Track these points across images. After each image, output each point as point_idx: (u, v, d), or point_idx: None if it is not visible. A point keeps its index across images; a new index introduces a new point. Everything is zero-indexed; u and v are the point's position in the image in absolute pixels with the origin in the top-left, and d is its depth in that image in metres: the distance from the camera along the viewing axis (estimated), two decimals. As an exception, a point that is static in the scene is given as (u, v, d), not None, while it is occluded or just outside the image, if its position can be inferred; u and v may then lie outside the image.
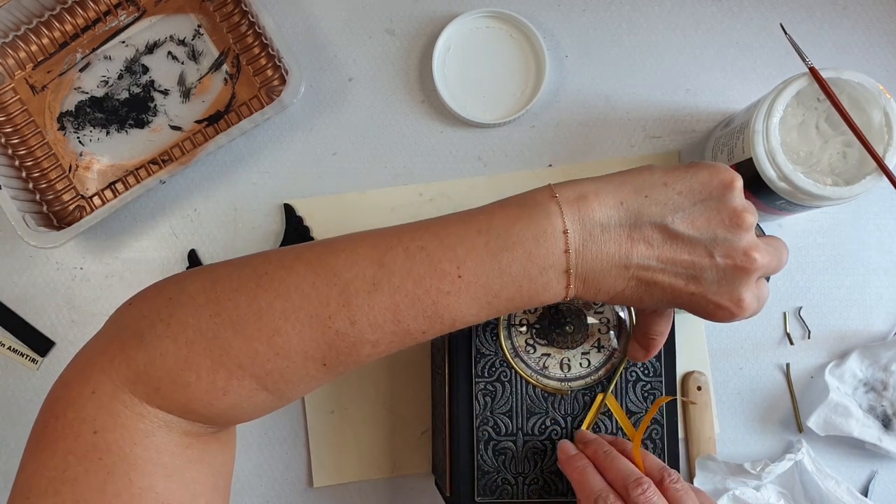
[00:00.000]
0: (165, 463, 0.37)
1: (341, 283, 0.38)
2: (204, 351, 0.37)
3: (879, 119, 0.51)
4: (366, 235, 0.40)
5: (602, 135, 0.64)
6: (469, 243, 0.39)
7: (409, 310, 0.38)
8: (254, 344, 0.37)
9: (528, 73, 0.64)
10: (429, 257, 0.38)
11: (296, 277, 0.38)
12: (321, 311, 0.38)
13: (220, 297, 0.38)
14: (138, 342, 0.37)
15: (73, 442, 0.36)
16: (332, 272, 0.38)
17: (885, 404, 0.61)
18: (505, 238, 0.39)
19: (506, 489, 0.51)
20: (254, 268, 0.39)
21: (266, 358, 0.37)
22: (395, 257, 0.38)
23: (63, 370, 0.38)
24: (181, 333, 0.37)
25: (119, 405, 0.36)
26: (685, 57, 0.64)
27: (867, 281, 0.63)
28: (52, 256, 0.64)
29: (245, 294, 0.38)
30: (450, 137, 0.64)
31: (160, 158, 0.63)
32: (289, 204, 0.64)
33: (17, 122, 0.63)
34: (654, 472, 0.45)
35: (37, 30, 0.63)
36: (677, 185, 0.40)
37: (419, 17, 0.65)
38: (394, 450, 0.63)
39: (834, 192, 0.51)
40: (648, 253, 0.39)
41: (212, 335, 0.37)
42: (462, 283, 0.38)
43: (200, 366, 0.37)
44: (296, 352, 0.38)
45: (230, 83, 0.64)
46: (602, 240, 0.39)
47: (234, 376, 0.37)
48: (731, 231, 0.39)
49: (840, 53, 0.64)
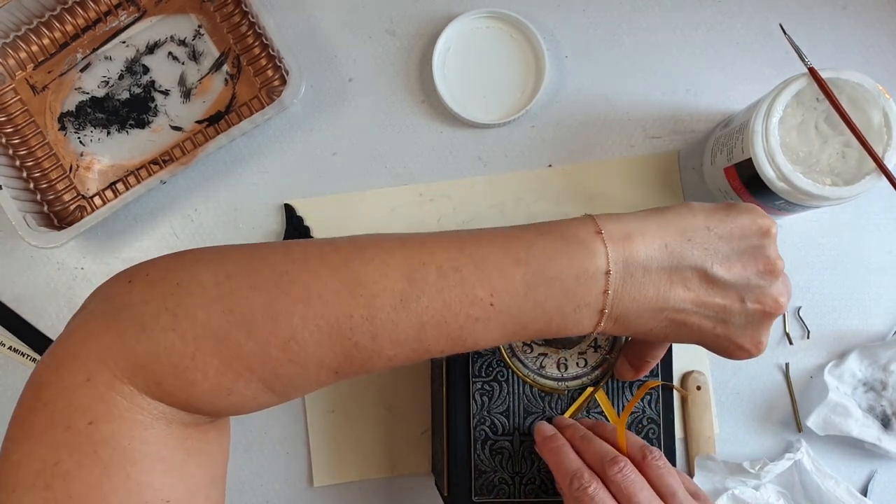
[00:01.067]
0: (164, 456, 0.35)
1: (368, 296, 0.36)
2: (213, 350, 0.35)
3: (878, 119, 0.51)
4: (397, 244, 0.38)
5: (602, 135, 0.64)
6: (506, 273, 0.37)
7: (434, 330, 0.37)
8: (268, 348, 0.35)
9: (527, 73, 0.64)
10: (462, 281, 0.37)
11: (319, 283, 0.36)
12: (343, 323, 0.36)
13: (235, 293, 0.35)
14: (140, 331, 0.34)
15: (65, 432, 0.33)
16: (358, 282, 0.36)
17: (885, 404, 0.61)
18: (544, 272, 0.37)
19: (503, 489, 0.52)
20: (273, 265, 0.36)
21: (279, 363, 0.36)
22: (427, 275, 0.37)
23: (49, 350, 0.35)
24: (189, 328, 0.34)
25: (117, 395, 0.34)
26: (685, 57, 0.65)
27: (866, 281, 0.63)
28: (53, 256, 0.64)
29: (263, 293, 0.35)
30: (450, 137, 0.64)
31: (161, 158, 0.63)
32: (289, 204, 0.64)
33: (18, 122, 0.63)
34: (636, 450, 0.45)
35: (37, 30, 0.63)
36: (718, 229, 0.40)
37: (419, 18, 0.65)
38: (394, 450, 0.64)
39: (833, 193, 0.51)
40: (685, 296, 0.39)
41: (223, 334, 0.35)
42: (493, 311, 0.37)
43: (208, 365, 0.35)
44: (310, 360, 0.36)
45: (231, 83, 0.64)
46: (642, 282, 0.39)
47: (241, 378, 0.36)
48: (765, 278, 0.40)
49: (839, 54, 0.64)
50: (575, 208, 0.64)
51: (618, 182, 0.64)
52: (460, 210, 0.64)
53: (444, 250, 0.38)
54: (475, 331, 0.38)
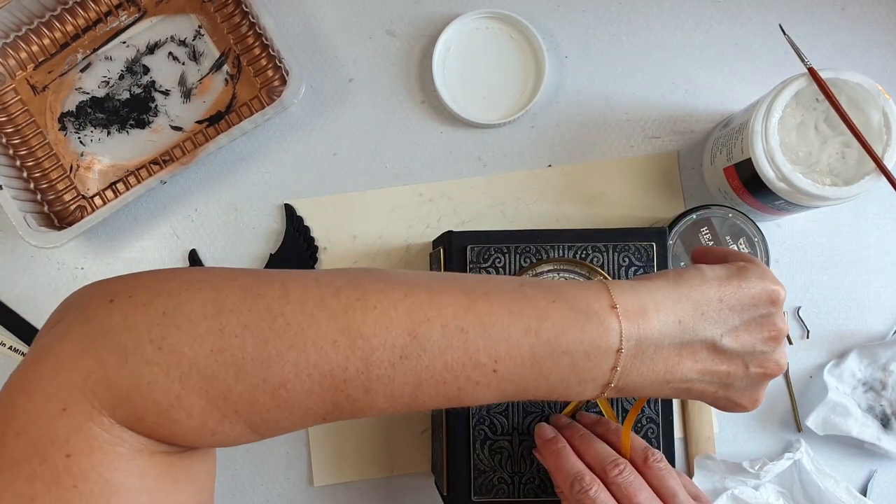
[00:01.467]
0: (149, 487, 0.33)
1: (366, 349, 0.34)
2: (199, 390, 0.33)
3: (878, 119, 0.51)
4: (401, 292, 0.36)
5: (601, 135, 0.64)
6: (514, 342, 0.36)
7: (431, 389, 0.36)
8: (256, 393, 0.33)
9: (527, 73, 0.64)
10: (466, 343, 0.35)
11: (315, 329, 0.34)
12: (337, 374, 0.34)
13: (225, 331, 0.33)
14: (122, 361, 0.32)
15: (40, 465, 0.30)
16: (358, 333, 0.34)
17: (884, 404, 0.61)
18: (554, 346, 0.36)
19: (502, 488, 0.52)
20: (268, 303, 0.34)
21: (266, 409, 0.34)
22: (431, 332, 0.35)
23: (21, 371, 0.32)
24: (175, 365, 0.32)
25: (95, 427, 0.32)
26: (684, 57, 0.65)
27: (866, 281, 0.63)
28: (54, 256, 0.64)
29: (255, 335, 0.33)
30: (450, 137, 0.64)
31: (161, 158, 0.64)
32: (289, 204, 0.64)
33: (19, 122, 0.63)
34: (638, 452, 0.46)
35: (38, 30, 0.63)
36: (730, 300, 0.39)
37: (419, 18, 0.65)
38: (394, 449, 0.64)
39: (833, 193, 0.51)
40: (693, 367, 0.39)
41: (210, 374, 0.33)
42: (495, 377, 0.36)
43: (192, 406, 0.33)
44: (299, 407, 0.34)
45: (231, 84, 0.64)
46: (653, 358, 0.38)
47: (227, 420, 0.34)
48: (769, 344, 0.40)
49: (839, 54, 0.64)
50: (575, 208, 0.64)
51: (617, 182, 0.64)
52: (460, 210, 0.64)
53: (451, 305, 0.36)
54: (473, 392, 0.36)
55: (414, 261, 0.64)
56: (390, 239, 0.64)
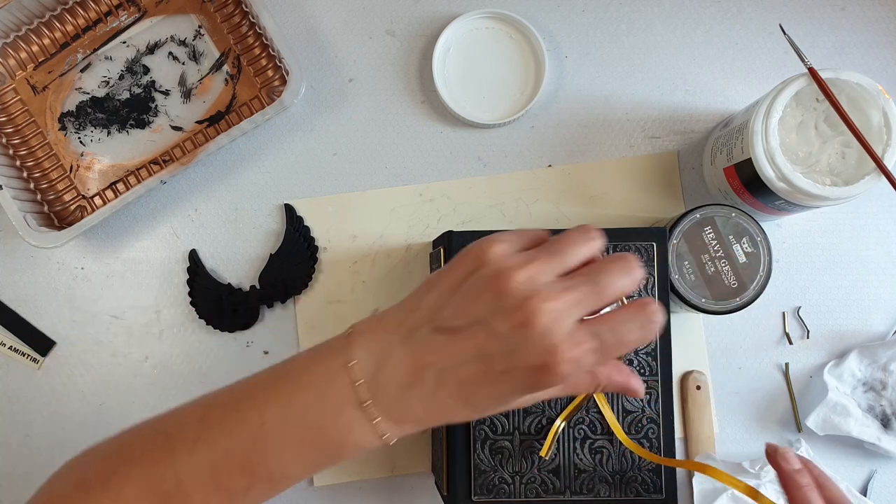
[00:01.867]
0: None
1: (170, 444, 0.40)
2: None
3: (878, 119, 0.51)
4: (205, 396, 0.42)
5: (601, 135, 0.64)
6: (269, 390, 0.40)
7: (225, 464, 0.39)
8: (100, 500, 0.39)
9: (527, 73, 0.64)
10: (237, 407, 0.40)
11: (141, 442, 0.41)
12: (152, 474, 0.39)
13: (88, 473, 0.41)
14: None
15: None
16: (164, 434, 0.40)
17: (884, 404, 0.61)
18: (297, 380, 0.39)
19: (502, 488, 0.52)
20: (136, 433, 0.42)
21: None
22: (214, 412, 0.40)
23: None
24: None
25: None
26: (684, 57, 0.65)
27: (866, 281, 0.63)
28: (53, 256, 0.64)
29: (103, 462, 0.41)
30: (450, 137, 0.64)
31: (161, 158, 0.64)
32: (289, 204, 0.64)
33: (19, 122, 0.63)
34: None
35: (38, 30, 0.63)
36: (440, 285, 0.39)
37: (419, 18, 0.65)
38: (394, 449, 0.64)
39: (833, 193, 0.51)
40: (436, 358, 0.37)
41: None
42: (266, 431, 0.38)
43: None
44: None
45: (231, 84, 0.64)
46: (391, 364, 0.38)
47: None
48: (498, 298, 0.36)
49: (839, 54, 0.64)
50: (575, 208, 0.64)
51: (617, 182, 0.64)
52: (460, 210, 0.64)
53: (231, 389, 0.42)
54: (261, 458, 0.39)
55: (414, 261, 0.64)
56: (390, 239, 0.64)
